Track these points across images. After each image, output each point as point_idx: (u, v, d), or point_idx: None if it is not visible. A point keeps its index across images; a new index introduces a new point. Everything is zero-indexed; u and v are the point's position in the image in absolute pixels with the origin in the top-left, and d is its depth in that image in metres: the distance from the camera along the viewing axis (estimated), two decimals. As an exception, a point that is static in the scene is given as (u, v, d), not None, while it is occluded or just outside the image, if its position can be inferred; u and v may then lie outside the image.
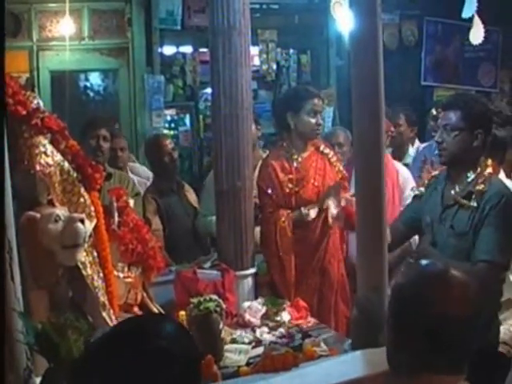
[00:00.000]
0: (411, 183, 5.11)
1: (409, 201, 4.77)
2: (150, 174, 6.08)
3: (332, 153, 4.86)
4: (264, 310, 4.05)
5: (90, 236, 3.28)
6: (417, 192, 4.09)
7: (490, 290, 3.55)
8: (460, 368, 1.97)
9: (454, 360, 1.97)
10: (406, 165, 6.01)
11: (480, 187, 3.65)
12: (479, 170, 3.72)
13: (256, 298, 4.30)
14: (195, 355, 1.72)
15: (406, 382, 1.99)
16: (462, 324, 1.96)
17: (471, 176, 3.73)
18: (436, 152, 3.89)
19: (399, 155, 6.48)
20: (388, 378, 2.08)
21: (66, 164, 3.30)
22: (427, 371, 1.96)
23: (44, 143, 3.21)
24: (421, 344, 1.97)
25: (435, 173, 4.05)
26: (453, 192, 3.77)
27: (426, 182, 4.05)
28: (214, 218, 4.59)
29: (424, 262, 2.18)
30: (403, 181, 5.15)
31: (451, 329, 1.95)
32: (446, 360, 1.96)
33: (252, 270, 4.38)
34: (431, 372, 1.96)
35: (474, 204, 3.64)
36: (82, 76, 8.72)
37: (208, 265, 4.32)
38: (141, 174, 6.25)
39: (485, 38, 4.76)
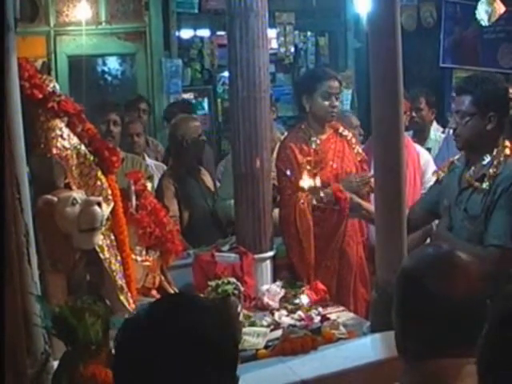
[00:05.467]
0: (432, 166, 5.08)
1: (430, 183, 4.75)
2: None
3: (351, 135, 4.82)
4: (282, 292, 4.05)
5: (108, 219, 3.28)
6: (438, 177, 4.04)
7: (504, 274, 3.47)
8: (469, 351, 1.93)
9: (462, 343, 1.94)
10: (428, 149, 5.95)
11: (494, 169, 3.60)
12: (495, 152, 3.66)
13: (274, 280, 4.29)
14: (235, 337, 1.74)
15: (415, 366, 1.98)
16: (468, 307, 1.92)
17: (487, 159, 3.66)
18: None
19: (421, 139, 6.41)
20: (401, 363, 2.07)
21: (83, 147, 3.30)
22: (435, 356, 1.93)
23: (60, 126, 3.21)
24: (427, 329, 1.94)
25: (456, 157, 3.99)
26: (468, 175, 3.72)
27: (447, 166, 4.00)
28: (233, 201, 4.57)
29: (428, 245, 2.15)
30: (424, 163, 5.11)
31: (457, 312, 1.91)
32: (453, 344, 1.93)
33: (270, 253, 4.36)
34: (439, 356, 1.93)
35: (487, 186, 3.59)
36: (100, 61, 8.72)
37: (226, 248, 4.30)
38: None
39: (505, 18, 4.71)
